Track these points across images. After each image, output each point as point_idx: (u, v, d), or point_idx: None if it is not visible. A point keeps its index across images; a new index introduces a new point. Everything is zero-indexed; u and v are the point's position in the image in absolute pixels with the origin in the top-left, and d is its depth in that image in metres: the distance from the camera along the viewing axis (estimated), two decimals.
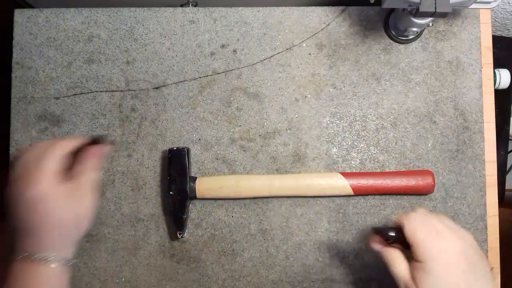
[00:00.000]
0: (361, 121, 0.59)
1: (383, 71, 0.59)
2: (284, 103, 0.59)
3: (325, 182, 0.55)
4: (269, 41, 0.59)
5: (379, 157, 0.58)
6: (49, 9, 0.59)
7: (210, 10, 0.60)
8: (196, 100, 0.59)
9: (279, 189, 0.55)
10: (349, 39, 0.60)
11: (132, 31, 0.59)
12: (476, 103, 0.59)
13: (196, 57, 0.59)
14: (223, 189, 0.55)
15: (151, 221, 0.57)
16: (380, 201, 0.58)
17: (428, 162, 0.58)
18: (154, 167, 0.58)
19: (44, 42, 0.59)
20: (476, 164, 0.58)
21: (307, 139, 0.58)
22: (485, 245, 0.58)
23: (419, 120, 0.59)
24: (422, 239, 0.41)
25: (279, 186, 0.55)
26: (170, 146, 0.58)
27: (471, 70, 0.59)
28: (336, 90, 0.59)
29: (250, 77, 0.59)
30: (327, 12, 0.60)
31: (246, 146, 0.58)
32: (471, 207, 0.58)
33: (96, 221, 0.57)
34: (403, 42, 0.59)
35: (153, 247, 0.57)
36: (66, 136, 0.58)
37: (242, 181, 0.55)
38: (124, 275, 0.57)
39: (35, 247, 0.42)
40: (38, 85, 0.59)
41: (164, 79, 0.59)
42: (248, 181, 0.55)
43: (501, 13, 0.78)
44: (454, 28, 0.60)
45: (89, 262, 0.57)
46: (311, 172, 0.58)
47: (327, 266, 0.57)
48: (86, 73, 0.59)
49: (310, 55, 0.59)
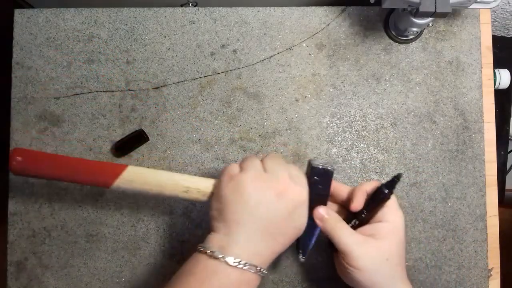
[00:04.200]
0: (361, 121, 0.59)
1: (383, 71, 0.59)
2: (284, 103, 0.59)
3: None
4: (269, 41, 0.59)
5: (379, 157, 0.58)
6: (49, 9, 0.59)
7: (210, 10, 0.60)
8: (196, 100, 0.59)
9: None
10: (349, 39, 0.60)
11: (132, 31, 0.59)
12: (476, 103, 0.59)
13: (196, 57, 0.59)
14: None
15: (151, 221, 0.57)
16: None
17: (428, 162, 0.58)
18: (154, 167, 0.58)
19: (44, 42, 0.59)
20: (476, 164, 0.58)
21: (307, 139, 0.58)
22: (485, 245, 0.58)
23: (419, 120, 0.59)
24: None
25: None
26: (170, 146, 0.58)
27: (471, 70, 0.59)
28: (336, 90, 0.59)
29: (250, 77, 0.59)
30: (327, 12, 0.60)
31: (246, 146, 0.58)
32: (471, 207, 0.58)
33: (96, 221, 0.57)
34: (403, 42, 0.59)
35: (153, 247, 0.57)
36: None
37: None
38: (124, 275, 0.57)
39: (248, 249, 0.39)
40: (38, 85, 0.59)
41: (164, 79, 0.59)
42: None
43: (501, 13, 0.78)
44: (454, 28, 0.60)
45: (89, 262, 0.57)
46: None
47: (327, 266, 0.57)
48: (86, 73, 0.59)
49: (310, 55, 0.59)
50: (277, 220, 0.40)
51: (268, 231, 0.40)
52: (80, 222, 0.57)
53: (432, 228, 0.58)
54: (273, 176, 0.41)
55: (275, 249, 0.41)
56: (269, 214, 0.40)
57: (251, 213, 0.40)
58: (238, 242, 0.39)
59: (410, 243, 0.57)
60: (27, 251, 0.57)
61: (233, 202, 0.40)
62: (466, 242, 0.58)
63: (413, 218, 0.58)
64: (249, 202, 0.40)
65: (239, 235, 0.39)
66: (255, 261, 0.39)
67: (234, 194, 0.40)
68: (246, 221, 0.40)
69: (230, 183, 0.41)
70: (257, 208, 0.40)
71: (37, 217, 0.57)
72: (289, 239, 0.42)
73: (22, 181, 0.57)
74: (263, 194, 0.40)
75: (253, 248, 0.39)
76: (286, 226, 0.41)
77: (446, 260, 0.57)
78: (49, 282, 0.57)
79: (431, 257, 0.57)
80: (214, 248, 0.39)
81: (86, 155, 0.58)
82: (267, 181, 0.41)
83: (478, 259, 0.58)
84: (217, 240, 0.40)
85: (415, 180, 0.58)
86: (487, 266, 0.58)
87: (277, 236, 0.41)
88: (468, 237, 0.58)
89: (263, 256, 0.40)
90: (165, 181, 0.46)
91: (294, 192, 0.41)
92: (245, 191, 0.40)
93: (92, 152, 0.58)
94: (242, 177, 0.41)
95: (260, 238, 0.40)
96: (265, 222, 0.40)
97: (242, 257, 0.38)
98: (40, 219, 0.57)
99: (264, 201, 0.40)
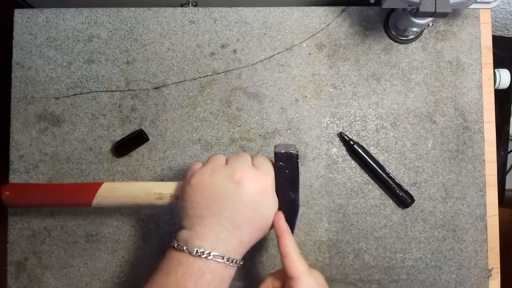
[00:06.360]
0: (361, 121, 0.59)
1: (383, 71, 0.59)
2: (284, 103, 0.59)
3: None
4: (269, 41, 0.59)
5: (379, 157, 0.58)
6: (49, 9, 0.59)
7: (210, 10, 0.60)
8: (196, 100, 0.59)
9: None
10: (349, 39, 0.60)
11: (132, 31, 0.59)
12: (476, 103, 0.59)
13: (196, 57, 0.59)
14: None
15: (151, 221, 0.57)
16: (380, 201, 0.58)
17: (428, 162, 0.58)
18: (154, 167, 0.58)
19: (44, 42, 0.59)
20: (476, 164, 0.58)
21: (307, 139, 0.58)
22: (485, 245, 0.58)
23: (419, 120, 0.59)
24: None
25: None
26: (170, 146, 0.58)
27: (471, 70, 0.59)
28: (336, 90, 0.59)
29: (250, 77, 0.59)
30: (327, 12, 0.60)
31: (246, 146, 0.58)
32: (471, 207, 0.58)
33: (96, 221, 0.57)
34: (403, 42, 0.59)
35: (153, 247, 0.57)
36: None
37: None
38: (124, 275, 0.57)
39: (217, 240, 0.40)
40: (38, 85, 0.59)
41: (164, 79, 0.59)
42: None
43: (501, 13, 0.78)
44: (454, 28, 0.60)
45: (89, 262, 0.57)
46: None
47: (327, 266, 0.57)
48: (86, 73, 0.59)
49: (310, 55, 0.59)
50: (238, 209, 0.40)
51: (230, 221, 0.40)
52: (80, 222, 0.57)
53: (432, 228, 0.58)
54: (232, 167, 0.41)
55: (243, 238, 0.41)
56: (228, 205, 0.40)
57: (210, 206, 0.40)
58: (200, 234, 0.40)
59: (410, 243, 0.57)
60: (27, 251, 0.57)
61: (193, 197, 0.41)
62: (466, 242, 0.58)
63: (413, 218, 0.58)
64: (207, 195, 0.40)
65: (201, 227, 0.40)
66: (220, 250, 0.39)
67: (194, 189, 0.41)
68: (206, 214, 0.40)
69: (191, 179, 0.42)
70: (215, 200, 0.40)
71: (37, 217, 0.57)
72: (259, 227, 0.42)
73: (22, 181, 0.57)
74: (221, 185, 0.40)
75: (214, 239, 0.40)
76: (250, 214, 0.41)
77: (446, 260, 0.57)
78: (49, 282, 0.57)
79: (431, 257, 0.57)
80: (179, 242, 0.40)
81: (86, 155, 0.58)
82: (225, 172, 0.41)
83: (478, 259, 0.58)
84: (183, 234, 0.41)
85: (415, 180, 0.58)
86: (487, 266, 0.58)
87: (242, 225, 0.41)
88: (468, 237, 0.58)
89: (230, 245, 0.40)
90: (138, 192, 0.47)
91: (255, 179, 0.41)
92: (203, 185, 0.41)
93: (92, 152, 0.58)
94: (201, 171, 0.42)
95: (223, 228, 0.40)
96: (226, 213, 0.40)
97: (205, 247, 0.39)
98: (40, 219, 0.57)
99: (223, 193, 0.40)
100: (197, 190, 0.41)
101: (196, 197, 0.41)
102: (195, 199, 0.41)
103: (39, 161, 0.58)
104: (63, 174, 0.58)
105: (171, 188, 0.46)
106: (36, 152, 0.58)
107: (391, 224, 0.58)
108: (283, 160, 0.43)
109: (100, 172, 0.58)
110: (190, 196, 0.41)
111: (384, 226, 0.57)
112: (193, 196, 0.41)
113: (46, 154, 0.58)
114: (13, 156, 0.58)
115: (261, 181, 0.41)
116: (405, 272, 0.57)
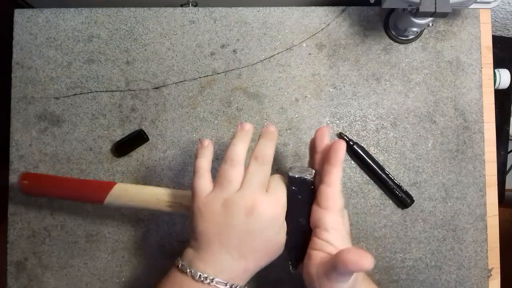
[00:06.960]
0: (361, 121, 0.59)
1: (383, 71, 0.59)
2: (284, 103, 0.59)
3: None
4: (269, 41, 0.59)
5: (379, 157, 0.58)
6: (49, 9, 0.59)
7: (210, 10, 0.60)
8: (196, 100, 0.59)
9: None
10: (349, 39, 0.60)
11: (132, 31, 0.59)
12: (476, 103, 0.59)
13: (196, 57, 0.59)
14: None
15: (151, 221, 0.57)
16: (380, 201, 0.58)
17: (428, 162, 0.58)
18: (154, 167, 0.58)
19: (44, 42, 0.59)
20: (476, 164, 0.58)
21: (307, 139, 0.58)
22: (485, 245, 0.58)
23: (419, 120, 0.59)
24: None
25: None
26: (170, 146, 0.58)
27: (471, 70, 0.59)
28: (336, 90, 0.59)
29: (250, 77, 0.59)
30: (327, 12, 0.60)
31: None
32: (471, 207, 0.58)
33: (96, 221, 0.57)
34: (403, 42, 0.59)
35: (153, 247, 0.57)
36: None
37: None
38: (124, 275, 0.57)
39: (220, 266, 0.39)
40: (38, 85, 0.59)
41: (164, 79, 0.59)
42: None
43: (501, 13, 0.78)
44: (454, 28, 0.60)
45: (89, 262, 0.57)
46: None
47: None
48: (86, 73, 0.59)
49: (310, 55, 0.59)
50: (247, 239, 0.39)
51: (237, 251, 0.39)
52: (80, 222, 0.57)
53: (432, 228, 0.58)
54: (244, 195, 0.40)
55: (249, 266, 0.40)
56: (238, 235, 0.39)
57: (219, 235, 0.39)
58: (205, 259, 0.39)
59: (410, 243, 0.57)
60: (27, 251, 0.57)
61: (201, 223, 0.40)
62: (466, 242, 0.58)
63: (413, 218, 0.58)
64: (216, 224, 0.40)
65: (207, 252, 0.39)
66: (224, 277, 0.39)
67: (203, 216, 0.40)
68: (213, 241, 0.39)
69: (201, 206, 0.40)
70: (225, 230, 0.39)
71: (37, 217, 0.57)
72: (265, 253, 0.41)
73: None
74: (232, 216, 0.39)
75: (219, 266, 0.39)
76: (258, 243, 0.40)
77: (446, 260, 0.57)
78: (49, 282, 0.57)
79: (431, 257, 0.57)
80: (184, 262, 0.40)
81: (86, 155, 0.58)
82: (237, 201, 0.39)
83: (478, 259, 0.58)
84: (189, 254, 0.40)
85: (415, 180, 0.58)
86: (487, 266, 0.58)
87: (249, 255, 0.40)
88: (468, 237, 0.58)
89: (234, 273, 0.40)
90: (149, 197, 0.47)
91: (267, 207, 0.39)
92: (214, 214, 0.40)
93: (92, 152, 0.58)
94: (211, 198, 0.40)
95: (229, 257, 0.39)
96: (234, 242, 0.39)
97: (209, 272, 0.38)
98: (40, 219, 0.57)
99: (233, 224, 0.39)
100: (206, 217, 0.40)
101: (204, 223, 0.40)
102: (204, 224, 0.40)
103: (39, 161, 0.58)
104: (63, 174, 0.58)
105: (182, 198, 0.46)
106: (36, 152, 0.58)
107: (391, 224, 0.58)
108: (296, 185, 0.41)
109: (100, 172, 0.58)
110: (198, 222, 0.40)
111: (384, 226, 0.57)
112: (201, 222, 0.40)
113: (46, 154, 0.58)
114: (13, 156, 0.58)
115: (273, 209, 0.40)
116: (405, 272, 0.57)
